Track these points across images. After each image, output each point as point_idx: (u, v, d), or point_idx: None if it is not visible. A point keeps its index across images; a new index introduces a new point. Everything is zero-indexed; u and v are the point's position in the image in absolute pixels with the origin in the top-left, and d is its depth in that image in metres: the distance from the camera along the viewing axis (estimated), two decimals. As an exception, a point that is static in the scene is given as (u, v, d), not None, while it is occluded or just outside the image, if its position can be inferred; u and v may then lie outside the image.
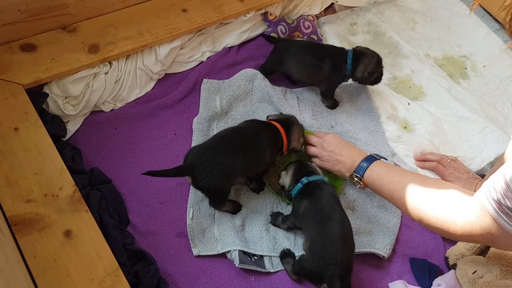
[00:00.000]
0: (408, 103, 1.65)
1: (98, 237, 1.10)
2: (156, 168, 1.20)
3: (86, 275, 1.04)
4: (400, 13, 1.97)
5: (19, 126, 1.23)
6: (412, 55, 1.80)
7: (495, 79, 1.81)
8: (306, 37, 1.74)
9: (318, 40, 1.75)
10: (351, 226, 1.20)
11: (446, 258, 1.34)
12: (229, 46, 1.67)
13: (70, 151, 1.30)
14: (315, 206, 1.20)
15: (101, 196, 1.25)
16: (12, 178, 1.14)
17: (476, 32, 1.94)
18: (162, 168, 1.22)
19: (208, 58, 1.63)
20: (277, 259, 1.27)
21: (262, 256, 1.27)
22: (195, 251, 1.25)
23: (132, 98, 1.51)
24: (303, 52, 1.53)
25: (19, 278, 0.95)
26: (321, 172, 1.31)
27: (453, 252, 1.33)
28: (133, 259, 1.18)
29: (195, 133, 1.44)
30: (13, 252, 1.00)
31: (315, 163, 1.34)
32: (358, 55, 1.49)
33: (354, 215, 1.37)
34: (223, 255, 1.26)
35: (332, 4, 1.91)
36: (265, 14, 1.70)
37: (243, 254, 1.24)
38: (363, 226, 1.35)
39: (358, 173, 1.23)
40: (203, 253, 1.25)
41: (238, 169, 1.22)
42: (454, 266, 1.30)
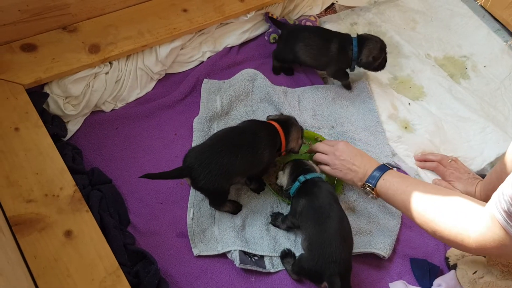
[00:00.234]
0: (408, 103, 1.65)
1: (98, 237, 1.10)
2: (157, 168, 1.20)
3: (86, 275, 1.04)
4: (401, 13, 1.97)
5: (20, 126, 1.23)
6: (413, 55, 1.80)
7: (496, 79, 1.81)
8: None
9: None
10: (351, 226, 1.20)
11: (446, 259, 1.34)
12: (229, 46, 1.67)
13: (70, 151, 1.30)
14: (312, 204, 1.20)
15: (101, 196, 1.25)
16: (13, 178, 1.14)
17: (477, 32, 1.94)
18: (162, 168, 1.22)
19: (208, 58, 1.63)
20: (277, 259, 1.26)
21: (262, 256, 1.27)
22: (196, 251, 1.25)
23: (132, 98, 1.51)
24: (311, 35, 1.56)
25: (20, 278, 0.95)
26: (318, 170, 1.30)
27: (453, 252, 1.33)
28: (133, 259, 1.18)
29: (196, 133, 1.44)
30: (13, 252, 1.00)
31: (325, 171, 1.32)
32: (363, 39, 1.54)
33: (354, 216, 1.36)
34: (224, 255, 1.26)
35: (333, 4, 1.91)
36: (266, 15, 1.70)
37: (244, 254, 1.24)
38: (364, 226, 1.35)
39: (371, 182, 1.20)
40: (204, 253, 1.25)
41: (236, 169, 1.22)
42: (455, 267, 1.30)
